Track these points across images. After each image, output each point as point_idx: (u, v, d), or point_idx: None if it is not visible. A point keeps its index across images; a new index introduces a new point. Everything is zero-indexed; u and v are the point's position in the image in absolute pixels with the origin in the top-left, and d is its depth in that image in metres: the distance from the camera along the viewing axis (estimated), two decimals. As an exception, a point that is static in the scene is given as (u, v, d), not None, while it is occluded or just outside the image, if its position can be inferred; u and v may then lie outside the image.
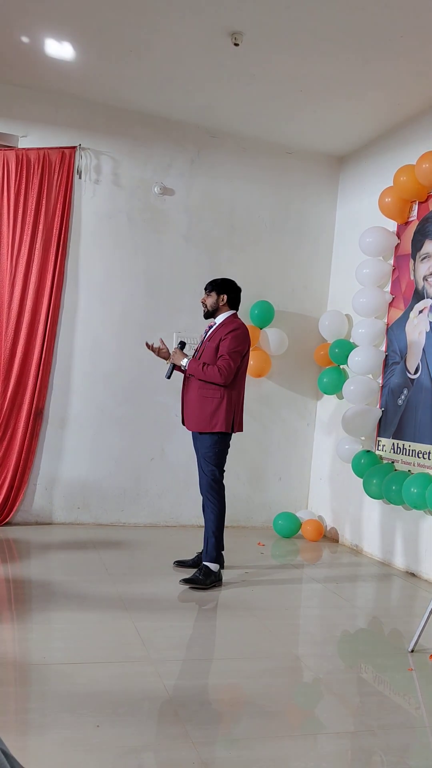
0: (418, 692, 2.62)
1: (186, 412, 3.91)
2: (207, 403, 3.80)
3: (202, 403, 3.81)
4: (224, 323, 3.92)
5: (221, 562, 3.85)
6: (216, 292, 3.96)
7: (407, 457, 4.39)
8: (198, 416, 3.82)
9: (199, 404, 3.82)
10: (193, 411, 3.85)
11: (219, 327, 3.91)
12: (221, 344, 3.82)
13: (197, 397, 3.83)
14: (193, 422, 3.86)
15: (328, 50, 3.89)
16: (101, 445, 5.01)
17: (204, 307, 4.01)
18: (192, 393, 3.86)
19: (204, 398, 3.81)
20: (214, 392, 3.81)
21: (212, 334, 3.92)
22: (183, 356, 3.88)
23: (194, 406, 3.84)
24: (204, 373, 3.78)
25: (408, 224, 4.61)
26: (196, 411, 3.83)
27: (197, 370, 3.79)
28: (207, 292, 4.00)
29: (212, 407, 3.80)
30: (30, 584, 3.52)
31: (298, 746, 2.11)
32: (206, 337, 3.96)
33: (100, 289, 5.00)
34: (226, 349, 3.80)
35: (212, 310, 3.98)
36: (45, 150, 4.73)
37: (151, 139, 5.08)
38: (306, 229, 5.54)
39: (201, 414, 3.81)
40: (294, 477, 5.57)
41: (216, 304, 3.96)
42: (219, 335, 3.86)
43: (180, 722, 2.18)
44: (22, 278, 4.69)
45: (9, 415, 4.69)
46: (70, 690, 2.33)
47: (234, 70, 4.24)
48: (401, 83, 4.21)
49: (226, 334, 3.83)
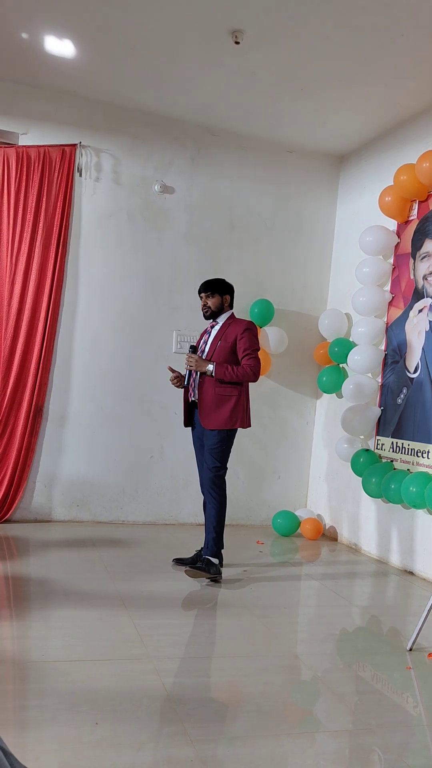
0: (416, 691, 2.62)
1: (203, 412, 3.90)
2: (226, 402, 3.85)
3: (220, 401, 3.85)
4: (234, 322, 3.95)
5: (221, 560, 3.85)
6: (219, 294, 3.99)
7: (406, 456, 4.39)
8: (218, 415, 3.85)
9: (218, 403, 3.85)
10: (211, 410, 3.87)
11: (227, 327, 3.94)
12: (239, 343, 3.86)
13: (215, 396, 3.86)
14: (213, 421, 3.87)
15: (329, 49, 3.89)
16: (100, 442, 5.01)
17: (207, 310, 4.01)
18: (208, 393, 3.87)
19: (222, 396, 3.86)
20: (231, 390, 3.86)
21: (220, 334, 3.94)
22: (206, 362, 3.89)
23: (212, 405, 3.86)
24: (235, 375, 3.83)
25: (408, 223, 4.61)
26: (214, 410, 3.86)
27: (226, 374, 3.83)
28: (208, 295, 4.00)
29: (231, 405, 3.85)
30: (29, 582, 3.53)
31: (297, 744, 2.12)
32: (212, 338, 3.97)
33: (100, 287, 5.00)
34: (248, 347, 3.85)
35: (217, 311, 4.00)
36: (45, 147, 4.73)
37: (152, 137, 5.08)
38: (306, 227, 5.54)
39: (221, 413, 3.85)
40: (293, 475, 5.57)
41: (221, 305, 4.00)
42: (232, 334, 3.89)
43: (179, 720, 2.18)
44: (22, 276, 4.68)
45: (9, 412, 4.69)
46: (69, 687, 2.33)
47: (235, 69, 4.24)
48: (402, 82, 4.20)
49: (242, 333, 3.87)
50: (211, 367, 3.85)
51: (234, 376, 3.82)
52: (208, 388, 3.88)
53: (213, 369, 3.84)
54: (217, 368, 3.84)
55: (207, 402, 3.88)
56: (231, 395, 3.87)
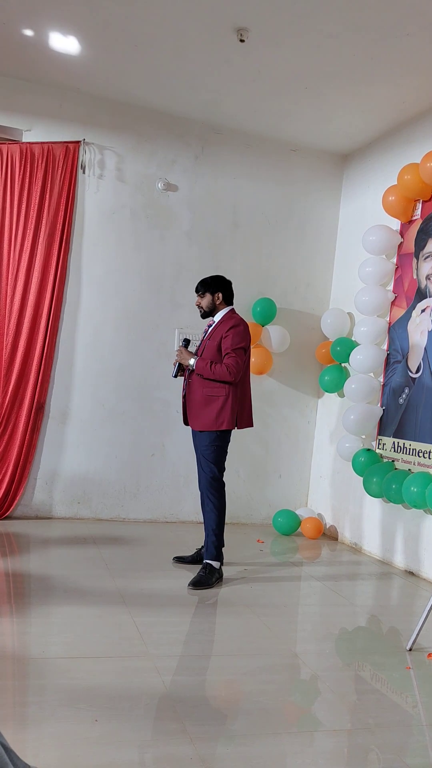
0: (415, 690, 2.62)
1: (190, 412, 3.86)
2: (212, 402, 3.77)
3: (207, 402, 3.77)
4: (223, 320, 3.88)
5: (221, 559, 3.85)
6: (210, 292, 3.92)
7: (408, 456, 4.39)
8: (204, 415, 3.78)
9: (204, 403, 3.78)
10: (198, 410, 3.81)
11: (218, 324, 3.89)
12: (223, 342, 3.79)
13: (202, 397, 3.79)
14: (199, 422, 3.81)
15: (334, 47, 3.88)
16: (102, 440, 5.01)
17: (201, 310, 3.97)
18: (196, 392, 3.82)
19: (209, 397, 3.78)
20: (218, 390, 3.78)
21: (212, 332, 3.89)
22: (190, 355, 3.82)
23: (199, 405, 3.80)
24: (212, 372, 3.74)
25: (411, 223, 4.61)
26: (201, 410, 3.79)
27: (205, 369, 3.75)
28: (200, 294, 3.95)
29: (218, 406, 3.76)
30: (29, 578, 3.53)
31: (296, 743, 2.12)
32: (206, 336, 3.94)
33: (103, 284, 5.00)
34: (229, 346, 3.77)
35: (209, 310, 3.95)
36: (49, 144, 4.73)
37: (155, 135, 5.07)
38: (309, 226, 5.53)
39: (207, 413, 3.77)
40: (294, 474, 5.57)
41: (212, 303, 3.93)
42: (219, 333, 3.83)
43: (178, 718, 2.19)
44: (25, 273, 4.68)
45: (10, 409, 4.69)
46: (69, 684, 2.34)
47: (239, 67, 4.23)
48: (406, 81, 4.20)
49: (227, 331, 3.80)
50: (192, 361, 3.79)
51: (211, 374, 3.74)
52: (196, 387, 3.83)
53: (194, 363, 3.79)
54: (198, 362, 3.78)
55: (194, 402, 3.84)
56: (218, 396, 3.78)
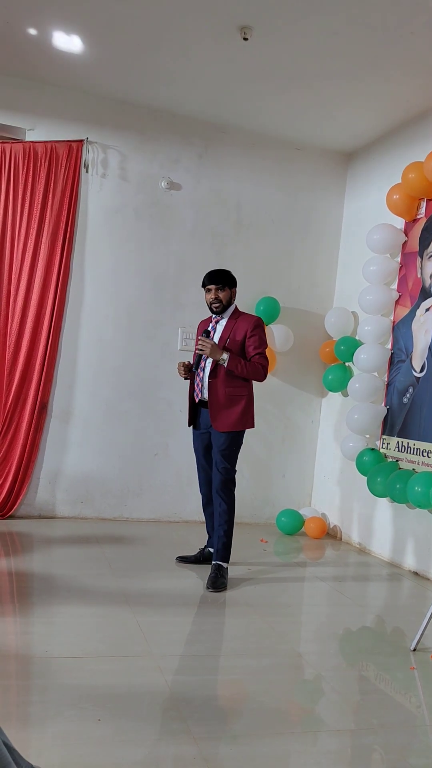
0: (419, 691, 2.61)
1: (215, 412, 3.70)
2: (237, 402, 3.69)
3: (232, 401, 3.68)
4: (241, 317, 3.80)
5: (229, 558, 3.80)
6: (229, 287, 3.82)
7: (412, 456, 4.38)
8: (229, 416, 3.68)
9: (229, 403, 3.68)
10: (223, 411, 3.68)
11: (236, 321, 3.78)
12: (250, 341, 3.70)
13: (226, 396, 3.68)
14: (225, 422, 3.69)
15: (338, 46, 3.87)
16: (105, 439, 5.01)
17: (218, 304, 3.80)
18: (220, 392, 3.68)
19: (234, 397, 3.69)
20: (241, 389, 3.71)
21: (229, 330, 3.76)
22: (220, 350, 3.65)
23: (224, 405, 3.68)
24: (246, 370, 3.64)
25: (416, 221, 4.59)
26: (226, 410, 3.68)
27: (238, 366, 3.62)
28: (218, 288, 3.78)
29: (242, 405, 3.70)
30: (32, 578, 3.53)
31: (299, 743, 2.11)
32: (220, 334, 3.78)
33: (106, 283, 5.00)
34: (258, 345, 3.69)
35: (227, 305, 3.82)
36: (52, 143, 4.72)
37: (159, 134, 5.07)
38: (313, 225, 5.52)
39: (232, 413, 3.68)
40: (298, 474, 5.56)
41: (231, 298, 3.84)
42: (241, 330, 3.72)
43: (181, 718, 2.18)
44: (28, 272, 4.68)
45: (14, 408, 4.69)
46: (72, 684, 2.33)
47: (243, 65, 4.22)
48: (410, 80, 4.18)
49: (253, 330, 3.71)
50: (226, 356, 3.62)
51: (245, 371, 3.64)
52: (219, 387, 3.69)
53: (227, 358, 3.62)
54: (231, 359, 3.62)
55: (218, 402, 3.69)
56: (242, 395, 3.71)
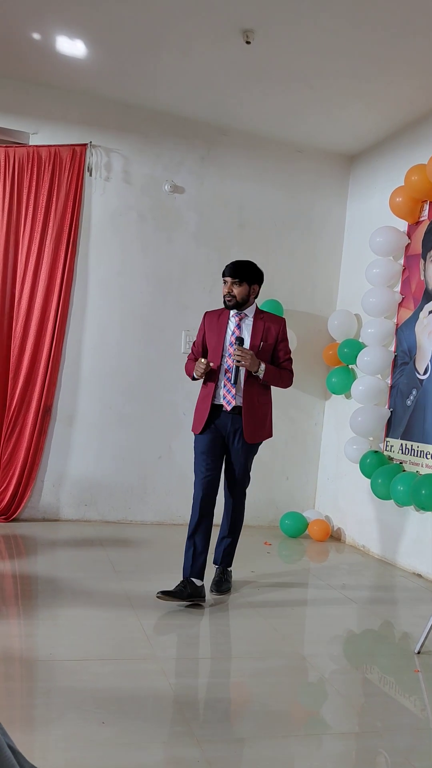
0: (423, 694, 2.61)
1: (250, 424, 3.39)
2: (266, 411, 3.49)
3: (261, 411, 3.46)
4: (269, 319, 3.48)
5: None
6: (248, 282, 3.41)
7: (415, 458, 4.37)
8: (262, 426, 3.46)
9: (260, 414, 3.44)
10: (255, 422, 3.42)
11: (262, 322, 3.45)
12: (281, 345, 3.47)
13: (258, 406, 3.43)
14: (259, 434, 3.45)
15: (340, 48, 3.88)
16: (109, 442, 5.02)
17: (231, 299, 3.41)
18: (253, 401, 3.40)
19: (262, 406, 3.46)
20: (267, 398, 3.50)
21: (258, 331, 3.43)
22: (258, 361, 3.35)
23: (256, 416, 3.42)
24: (281, 380, 3.45)
25: (419, 224, 4.59)
26: (258, 421, 3.43)
27: (273, 377, 3.40)
28: (235, 281, 3.39)
29: (269, 414, 3.52)
30: (37, 580, 3.53)
31: (303, 746, 2.11)
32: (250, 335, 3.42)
33: (110, 286, 5.01)
34: (288, 351, 3.50)
35: (242, 302, 3.42)
36: (56, 147, 4.74)
37: (162, 137, 5.08)
38: (316, 227, 5.53)
39: (264, 423, 3.47)
40: (301, 477, 5.56)
41: (247, 295, 3.42)
42: (273, 333, 3.44)
43: (185, 720, 2.18)
44: (32, 275, 4.70)
45: (18, 411, 4.70)
46: (76, 686, 2.33)
47: (245, 68, 4.23)
48: (413, 81, 4.18)
49: (284, 335, 3.48)
50: (264, 367, 3.35)
51: (279, 382, 3.42)
52: (254, 395, 3.39)
53: (264, 370, 3.35)
54: (268, 370, 3.37)
55: (252, 413, 3.40)
56: (268, 403, 3.51)
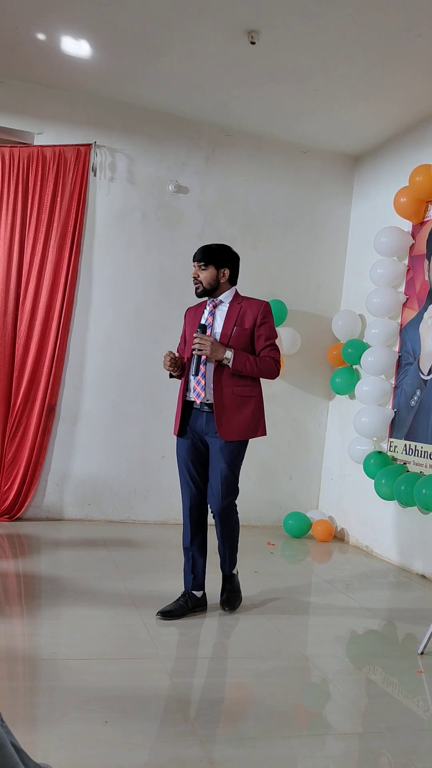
0: (427, 695, 2.61)
1: (221, 418, 3.09)
2: (245, 404, 3.12)
3: (240, 404, 3.10)
4: (247, 302, 3.18)
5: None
6: (214, 265, 3.17)
7: (419, 459, 4.36)
8: (239, 421, 3.10)
9: (237, 407, 3.09)
10: (229, 415, 3.09)
11: (239, 307, 3.16)
12: (260, 329, 3.12)
13: (234, 398, 3.09)
14: (232, 430, 3.10)
15: (345, 49, 3.88)
16: (113, 442, 5.02)
17: (198, 285, 3.20)
18: (226, 392, 3.08)
19: (242, 398, 3.11)
20: (251, 390, 3.15)
21: (233, 316, 3.15)
22: (223, 347, 3.05)
23: (232, 409, 3.09)
24: (258, 369, 3.08)
25: (423, 224, 4.59)
26: (234, 415, 3.09)
27: (247, 365, 3.05)
28: (200, 265, 3.18)
29: (251, 409, 3.14)
30: (40, 580, 3.54)
31: (306, 746, 2.11)
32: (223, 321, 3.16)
33: (114, 286, 5.02)
34: (270, 335, 3.14)
35: (210, 288, 3.19)
36: (60, 147, 4.75)
37: (166, 137, 5.08)
38: (320, 228, 5.52)
39: (241, 418, 3.11)
40: (305, 477, 5.56)
41: (215, 281, 3.17)
42: (249, 318, 3.13)
43: (188, 720, 2.18)
44: (37, 275, 4.71)
45: (22, 410, 4.71)
46: (79, 685, 2.34)
47: (250, 69, 4.23)
48: (418, 82, 4.18)
49: (264, 317, 3.13)
50: (230, 354, 3.03)
51: (255, 370, 3.07)
52: (224, 386, 3.08)
53: (232, 357, 3.03)
54: (237, 357, 3.03)
55: (224, 405, 3.08)
56: (251, 396, 3.13)
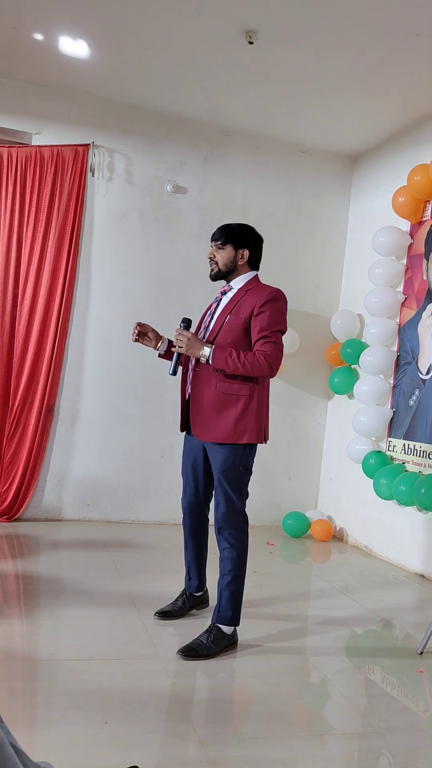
0: (426, 694, 2.61)
1: (196, 416, 2.79)
2: (230, 404, 2.72)
3: (222, 403, 2.72)
4: (253, 289, 2.82)
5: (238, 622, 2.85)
6: (233, 245, 2.86)
7: (418, 458, 4.37)
8: (216, 421, 2.73)
9: (218, 405, 2.73)
10: (208, 414, 2.75)
11: (244, 294, 2.82)
12: (257, 319, 2.73)
13: (215, 395, 2.73)
14: (210, 430, 2.74)
15: (343, 48, 3.88)
16: (111, 442, 5.02)
17: (213, 266, 2.90)
18: (206, 389, 2.76)
19: (225, 396, 2.72)
20: (240, 387, 2.72)
21: (232, 305, 2.81)
22: (200, 343, 2.70)
23: (211, 407, 2.74)
24: (241, 365, 2.65)
25: (421, 224, 4.59)
26: (213, 414, 2.74)
27: (229, 362, 2.65)
28: (218, 244, 2.88)
29: (238, 409, 2.72)
30: (39, 580, 3.54)
31: (306, 747, 2.11)
32: (221, 309, 2.85)
33: (112, 286, 5.01)
34: (267, 325, 2.71)
35: (226, 270, 2.88)
36: (58, 147, 4.74)
37: (164, 137, 5.08)
38: (318, 228, 5.53)
39: (221, 419, 2.72)
40: (304, 477, 5.56)
41: (232, 262, 2.87)
42: (248, 305, 2.76)
43: (187, 720, 2.18)
44: (35, 275, 4.70)
45: (21, 411, 4.71)
46: (79, 686, 2.34)
47: (248, 69, 4.23)
48: (416, 82, 4.18)
49: (262, 305, 2.73)
50: (208, 351, 2.67)
51: (240, 367, 2.65)
52: (205, 382, 2.75)
53: (210, 354, 2.67)
54: (216, 353, 2.66)
55: (204, 402, 2.76)
56: (239, 395, 2.72)
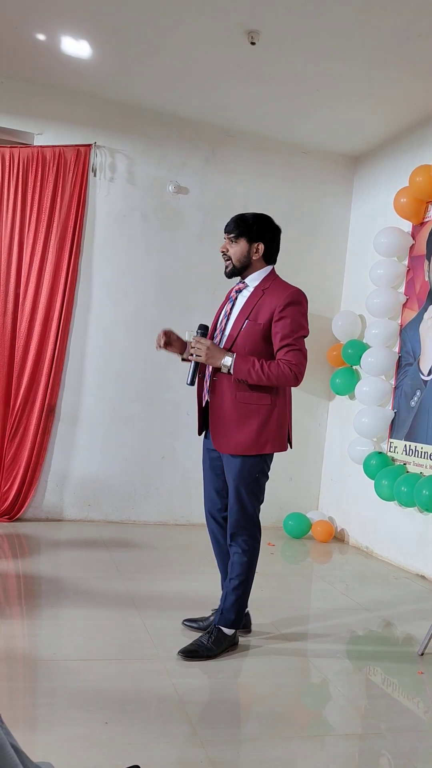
0: (427, 695, 2.60)
1: (217, 428, 2.65)
2: (251, 415, 2.58)
3: (243, 414, 2.58)
4: (271, 288, 2.64)
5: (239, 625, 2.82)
6: (247, 238, 2.65)
7: (419, 459, 4.36)
8: (238, 434, 2.60)
9: (238, 416, 2.59)
10: (229, 426, 2.61)
11: (261, 294, 2.63)
12: (277, 325, 2.57)
13: (235, 405, 2.59)
14: (231, 442, 2.61)
15: (345, 49, 3.88)
16: (112, 442, 5.02)
17: (227, 262, 2.70)
18: (226, 398, 2.61)
19: (246, 407, 2.58)
20: (260, 397, 2.59)
21: (249, 308, 2.62)
22: (221, 352, 2.56)
23: (231, 418, 2.60)
24: (265, 376, 2.52)
25: (423, 225, 4.59)
26: (233, 426, 2.60)
27: (253, 374, 2.52)
28: (231, 237, 2.67)
29: (259, 420, 2.59)
30: (40, 580, 3.54)
31: (306, 747, 2.11)
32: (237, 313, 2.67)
33: (114, 287, 5.01)
34: (289, 332, 2.55)
35: (240, 265, 2.69)
36: (60, 148, 4.75)
37: (166, 138, 5.08)
38: (320, 228, 5.52)
39: (242, 430, 2.59)
40: (305, 478, 5.55)
41: (246, 257, 2.67)
42: (267, 310, 2.58)
43: (188, 721, 2.18)
44: (36, 275, 4.70)
45: (22, 411, 4.71)
46: (79, 686, 2.34)
47: (250, 69, 4.23)
48: (418, 83, 4.18)
49: (283, 309, 2.55)
50: (229, 361, 2.54)
51: (264, 379, 2.52)
52: (225, 390, 2.61)
53: (231, 364, 2.54)
54: (239, 363, 2.53)
55: (224, 413, 2.62)
56: (260, 404, 2.58)
